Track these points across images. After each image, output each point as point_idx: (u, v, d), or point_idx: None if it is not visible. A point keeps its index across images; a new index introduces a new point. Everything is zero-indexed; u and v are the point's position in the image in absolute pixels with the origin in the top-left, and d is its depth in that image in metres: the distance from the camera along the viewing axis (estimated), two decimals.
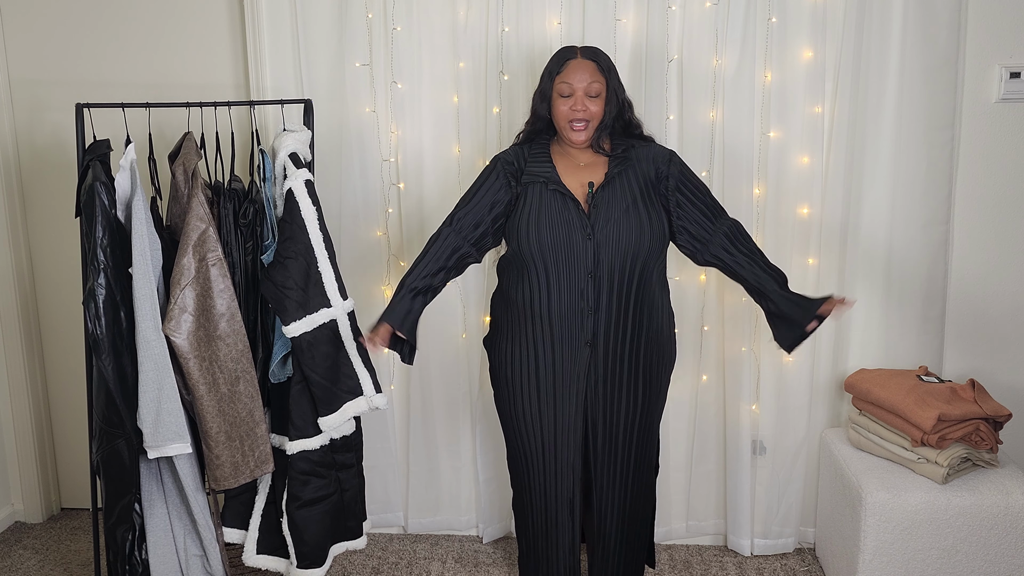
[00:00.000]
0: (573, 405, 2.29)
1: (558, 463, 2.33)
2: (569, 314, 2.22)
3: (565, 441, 2.31)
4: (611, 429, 2.31)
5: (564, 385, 2.28)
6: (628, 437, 2.33)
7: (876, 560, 2.45)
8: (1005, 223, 2.79)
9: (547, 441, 2.32)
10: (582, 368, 2.25)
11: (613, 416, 2.30)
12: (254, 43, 2.79)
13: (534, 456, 2.35)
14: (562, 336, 2.24)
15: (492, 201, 2.28)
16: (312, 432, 2.36)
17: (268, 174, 2.37)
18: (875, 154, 2.72)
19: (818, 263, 2.75)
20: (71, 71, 2.97)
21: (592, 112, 2.23)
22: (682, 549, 2.98)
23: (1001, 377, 2.86)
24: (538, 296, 2.23)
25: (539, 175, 2.26)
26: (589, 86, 2.21)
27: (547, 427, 2.31)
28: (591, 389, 2.28)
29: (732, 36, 2.64)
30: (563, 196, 2.21)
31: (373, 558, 2.95)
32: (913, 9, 2.61)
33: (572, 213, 2.20)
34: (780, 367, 2.81)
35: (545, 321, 2.24)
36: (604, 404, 2.29)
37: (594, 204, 2.20)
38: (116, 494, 2.34)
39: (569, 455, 2.32)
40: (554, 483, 2.35)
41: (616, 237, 2.18)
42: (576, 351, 2.24)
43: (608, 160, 2.27)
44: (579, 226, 2.19)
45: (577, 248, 2.18)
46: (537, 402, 2.30)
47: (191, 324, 2.24)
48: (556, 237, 2.19)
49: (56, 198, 3.06)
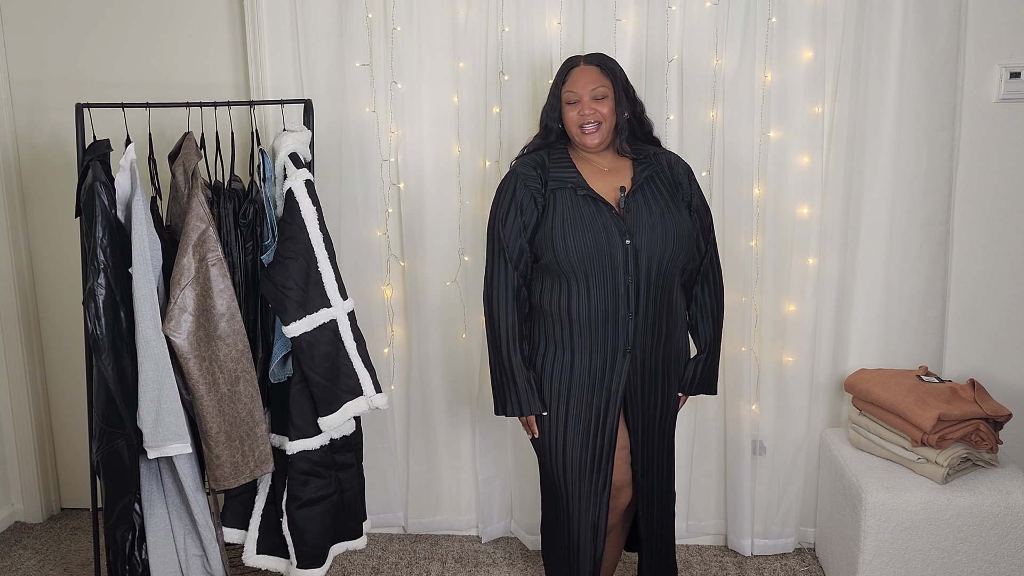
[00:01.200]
0: (611, 417, 2.22)
1: (591, 483, 2.25)
2: (610, 320, 2.16)
3: (597, 460, 2.24)
4: (648, 437, 2.28)
5: (601, 398, 2.21)
6: (662, 444, 2.31)
7: (876, 560, 2.45)
8: (1005, 223, 2.79)
9: (576, 460, 2.24)
10: (621, 377, 2.19)
11: (649, 423, 2.27)
12: (254, 43, 2.80)
13: (564, 474, 2.26)
14: (603, 343, 2.18)
15: (523, 224, 2.20)
16: (312, 432, 2.36)
17: (268, 174, 2.37)
18: (875, 154, 2.72)
19: (818, 263, 2.75)
20: (71, 71, 2.97)
21: (602, 114, 2.20)
22: (682, 549, 2.98)
23: (1001, 377, 2.86)
24: (576, 303, 2.17)
25: (566, 181, 2.20)
26: (594, 90, 2.20)
27: (572, 442, 2.24)
28: (632, 397, 2.23)
29: (732, 36, 2.64)
30: (595, 201, 2.16)
31: (373, 558, 2.95)
32: (913, 9, 2.61)
33: (608, 218, 2.15)
34: (780, 367, 2.81)
35: (584, 328, 2.17)
36: (643, 411, 2.26)
37: (627, 208, 2.17)
38: (116, 494, 2.34)
39: (600, 478, 2.24)
40: (578, 505, 2.26)
41: (652, 241, 2.14)
42: (616, 359, 2.19)
43: (632, 164, 2.25)
44: (617, 231, 2.14)
45: (616, 253, 2.13)
46: (566, 414, 2.23)
47: (191, 324, 2.24)
48: (594, 243, 2.13)
49: (56, 198, 3.06)
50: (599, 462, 2.24)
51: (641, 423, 2.27)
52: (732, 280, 2.74)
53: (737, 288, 2.77)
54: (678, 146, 2.71)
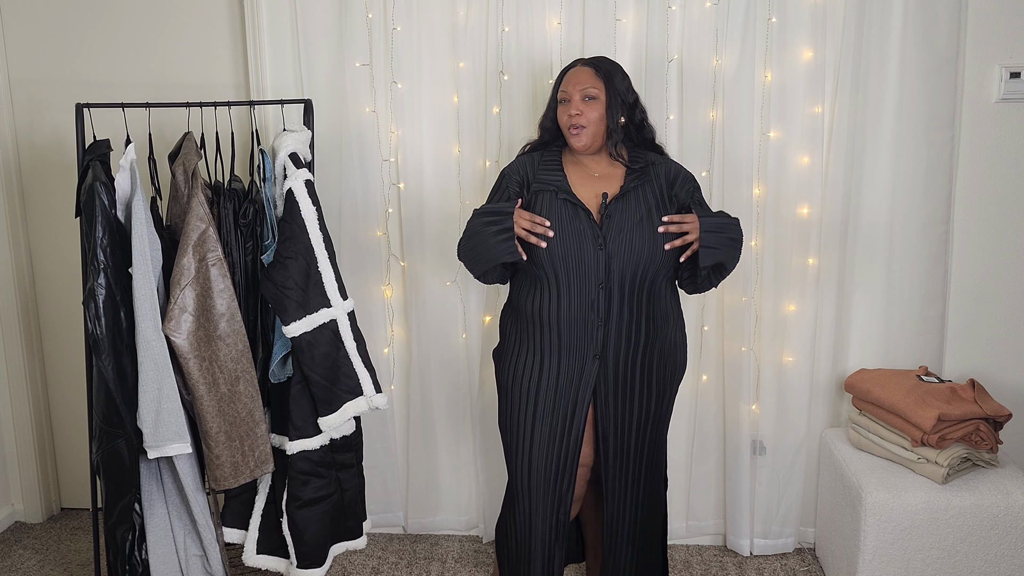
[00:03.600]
0: (577, 424, 2.22)
1: (554, 487, 2.25)
2: (579, 325, 2.17)
3: (561, 465, 2.24)
4: (622, 442, 2.26)
5: (566, 402, 2.21)
6: (639, 449, 2.28)
7: (876, 560, 2.45)
8: (1005, 223, 2.79)
9: (542, 463, 2.25)
10: (589, 382, 2.20)
11: (624, 429, 2.25)
12: (254, 43, 2.80)
13: (529, 476, 2.27)
14: (571, 348, 2.19)
15: None
16: (312, 432, 2.36)
17: (268, 174, 2.37)
18: (875, 154, 2.72)
19: (818, 263, 2.75)
20: (71, 71, 2.97)
21: (589, 118, 2.20)
22: (682, 549, 2.98)
23: (1001, 377, 2.86)
24: (548, 306, 2.19)
25: (549, 183, 2.22)
26: (584, 90, 2.20)
27: (539, 445, 2.24)
28: (601, 402, 2.22)
29: (732, 36, 2.64)
30: (574, 206, 2.18)
31: (373, 558, 2.95)
32: (913, 9, 2.61)
33: (583, 223, 2.16)
34: (780, 367, 2.81)
35: (554, 331, 2.19)
36: (615, 417, 2.24)
37: (607, 215, 2.17)
38: (116, 494, 2.34)
39: (564, 481, 2.24)
40: (540, 505, 2.26)
41: (628, 248, 2.15)
42: (584, 364, 2.19)
43: (625, 172, 2.24)
44: (591, 237, 2.15)
45: (588, 259, 2.14)
46: (532, 416, 2.24)
47: (191, 324, 2.24)
48: (567, 247, 2.15)
49: (56, 198, 3.06)
50: (563, 467, 2.25)
51: (613, 432, 2.25)
52: (732, 280, 2.74)
53: (737, 288, 2.77)
54: (678, 146, 2.71)
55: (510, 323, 2.33)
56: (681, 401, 2.85)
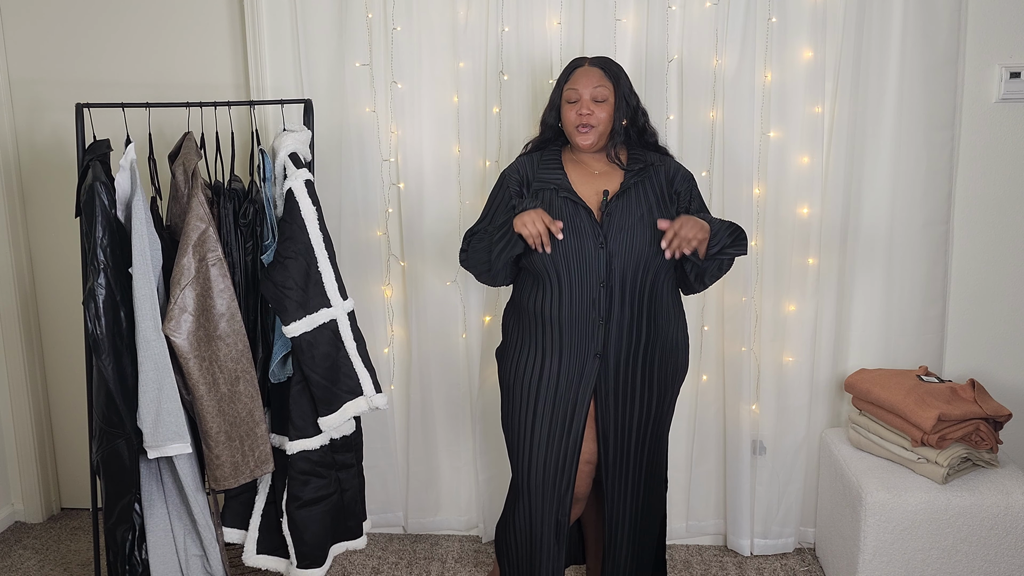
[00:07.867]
0: (577, 422, 2.22)
1: (554, 485, 2.25)
2: (580, 324, 2.17)
3: (561, 464, 2.24)
4: (622, 442, 2.26)
5: (567, 401, 2.21)
6: (640, 449, 2.28)
7: (876, 560, 2.45)
8: (1005, 223, 2.79)
9: (541, 462, 2.26)
10: (589, 381, 2.20)
11: (624, 429, 2.25)
12: (254, 43, 2.80)
13: (529, 475, 2.28)
14: (572, 346, 2.19)
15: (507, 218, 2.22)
16: (312, 432, 2.36)
17: (268, 174, 2.37)
18: (875, 154, 2.72)
19: (818, 263, 2.75)
20: (71, 71, 2.97)
21: (599, 118, 2.21)
22: (682, 549, 2.98)
23: (1001, 377, 2.86)
24: (549, 304, 2.19)
25: (549, 182, 2.23)
26: (595, 91, 2.21)
27: (539, 444, 2.25)
28: (601, 401, 2.22)
29: (732, 36, 2.64)
30: (574, 204, 2.18)
31: (373, 558, 2.95)
32: (913, 9, 2.61)
33: (584, 221, 2.16)
34: (780, 367, 2.81)
35: (555, 330, 2.20)
36: (615, 417, 2.24)
37: (608, 213, 2.17)
38: (116, 494, 2.34)
39: (563, 480, 2.24)
40: (540, 504, 2.27)
41: (629, 246, 2.15)
42: (585, 363, 2.19)
43: (624, 172, 2.25)
44: (591, 235, 2.15)
45: (589, 257, 2.15)
46: (533, 415, 2.24)
47: (191, 324, 2.24)
48: (568, 246, 2.15)
49: (56, 198, 3.06)
50: (563, 466, 2.25)
51: (613, 431, 2.25)
52: (732, 280, 2.75)
53: (737, 288, 2.77)
54: (678, 146, 2.71)
55: (512, 322, 2.33)
56: (681, 401, 2.85)
